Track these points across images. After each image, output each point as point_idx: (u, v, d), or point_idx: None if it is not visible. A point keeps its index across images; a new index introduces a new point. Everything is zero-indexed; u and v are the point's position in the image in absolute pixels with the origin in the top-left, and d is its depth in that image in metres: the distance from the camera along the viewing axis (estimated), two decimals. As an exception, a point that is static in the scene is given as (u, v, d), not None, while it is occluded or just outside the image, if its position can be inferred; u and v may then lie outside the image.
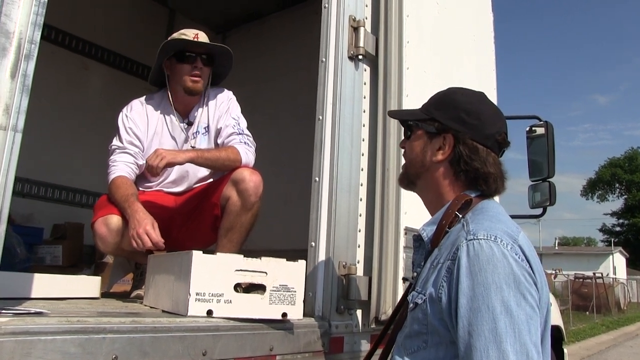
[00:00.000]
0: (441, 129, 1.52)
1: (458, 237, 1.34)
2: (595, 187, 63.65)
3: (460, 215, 1.44)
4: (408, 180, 1.64)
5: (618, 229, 62.21)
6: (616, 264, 41.90)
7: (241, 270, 1.75)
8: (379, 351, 1.66)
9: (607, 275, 28.28)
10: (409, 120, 1.64)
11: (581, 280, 23.62)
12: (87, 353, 1.32)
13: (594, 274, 24.21)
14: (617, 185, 62.21)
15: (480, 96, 1.58)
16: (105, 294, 2.57)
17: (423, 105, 1.64)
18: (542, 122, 3.64)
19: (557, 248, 48.36)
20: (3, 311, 1.29)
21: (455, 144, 1.49)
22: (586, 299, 21.71)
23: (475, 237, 1.29)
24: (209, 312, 1.68)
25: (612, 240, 52.93)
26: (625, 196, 61.04)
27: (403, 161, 2.25)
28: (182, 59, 2.56)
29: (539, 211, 3.68)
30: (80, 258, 4.01)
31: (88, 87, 4.61)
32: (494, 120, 1.52)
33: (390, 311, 2.19)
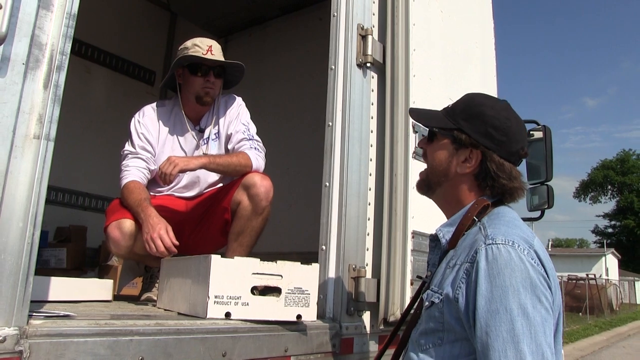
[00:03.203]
0: (469, 142, 1.54)
1: (476, 241, 1.39)
2: (588, 188, 64.08)
3: (477, 219, 1.49)
4: (428, 187, 1.66)
5: (610, 230, 62.68)
6: (609, 265, 42.11)
7: (258, 273, 1.80)
8: (390, 351, 1.71)
9: (600, 276, 28.46)
10: (434, 127, 1.65)
11: (574, 281, 23.79)
12: (115, 354, 1.36)
13: (587, 275, 24.38)
14: (609, 187, 62.67)
15: (506, 108, 1.59)
16: (115, 297, 2.61)
17: (447, 111, 1.64)
18: (540, 127, 3.69)
19: (550, 249, 48.54)
20: (35, 314, 1.34)
21: (483, 160, 1.53)
22: (579, 300, 21.87)
23: (494, 242, 1.34)
24: (227, 315, 1.73)
25: (605, 241, 53.26)
26: (617, 198, 61.48)
27: (411, 166, 2.32)
28: (195, 71, 2.60)
29: (536, 214, 3.73)
30: (83, 261, 4.04)
31: (91, 90, 4.64)
32: (519, 136, 1.56)
33: (398, 313, 2.25)
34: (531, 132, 3.74)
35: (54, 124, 1.32)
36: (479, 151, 1.53)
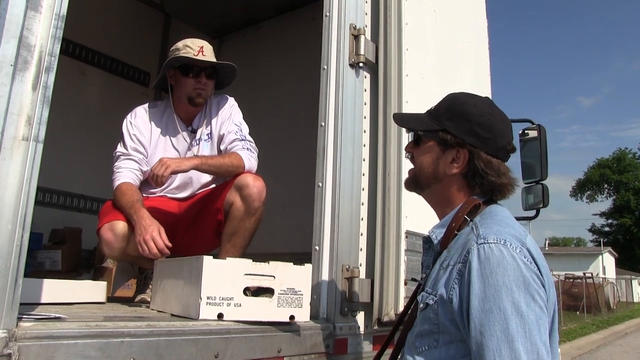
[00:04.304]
0: (455, 142, 1.53)
1: (468, 240, 1.38)
2: (585, 187, 64.22)
3: (469, 219, 1.48)
4: (416, 186, 1.66)
5: (607, 229, 62.80)
6: (605, 264, 42.24)
7: (250, 274, 1.79)
8: (388, 351, 1.70)
9: (597, 275, 28.51)
10: (419, 130, 1.64)
11: (571, 280, 23.83)
12: (106, 356, 1.36)
13: (584, 274, 24.44)
14: (605, 185, 62.79)
15: (489, 105, 1.60)
16: (109, 299, 2.60)
17: (431, 113, 1.64)
18: (534, 126, 3.70)
19: (547, 248, 48.61)
20: (25, 316, 1.33)
21: (470, 158, 1.52)
22: (577, 299, 21.89)
23: (486, 241, 1.33)
24: (220, 316, 1.72)
25: (602, 240, 53.35)
26: (614, 196, 61.61)
27: (404, 166, 2.32)
28: (186, 72, 2.60)
29: (531, 213, 3.73)
30: (78, 263, 4.03)
31: (85, 92, 4.63)
32: (504, 131, 1.56)
33: (392, 313, 2.25)
34: (525, 132, 3.74)
35: (43, 126, 1.31)
36: (466, 150, 1.53)
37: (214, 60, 2.62)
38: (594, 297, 22.90)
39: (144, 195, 2.56)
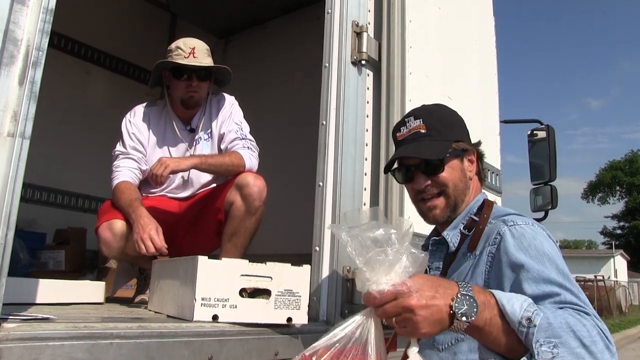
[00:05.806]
0: (467, 147, 1.63)
1: (492, 229, 1.45)
2: (596, 189, 63.59)
3: (477, 218, 1.54)
4: (454, 208, 1.61)
5: (619, 231, 62.16)
6: (617, 267, 41.81)
7: (246, 275, 1.75)
8: (392, 354, 1.66)
9: (609, 278, 28.24)
10: (445, 155, 1.59)
11: (582, 283, 23.59)
12: (94, 359, 1.32)
13: (596, 276, 24.21)
14: (617, 188, 62.15)
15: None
16: (109, 299, 2.58)
17: (429, 133, 1.58)
18: (543, 126, 3.65)
19: (558, 251, 48.12)
20: (11, 317, 1.30)
21: (478, 157, 1.65)
22: (588, 302, 21.68)
23: (516, 223, 1.40)
24: (215, 317, 1.68)
25: (613, 243, 52.80)
26: (626, 199, 60.97)
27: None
28: (178, 75, 2.57)
29: (540, 214, 3.67)
30: (82, 263, 4.01)
31: (90, 91, 4.63)
32: None
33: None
34: (534, 132, 3.69)
35: (30, 122, 1.27)
36: (474, 149, 1.64)
37: (207, 61, 2.57)
38: (606, 301, 22.67)
39: (143, 194, 2.54)
